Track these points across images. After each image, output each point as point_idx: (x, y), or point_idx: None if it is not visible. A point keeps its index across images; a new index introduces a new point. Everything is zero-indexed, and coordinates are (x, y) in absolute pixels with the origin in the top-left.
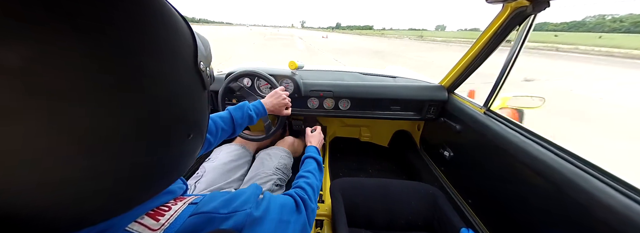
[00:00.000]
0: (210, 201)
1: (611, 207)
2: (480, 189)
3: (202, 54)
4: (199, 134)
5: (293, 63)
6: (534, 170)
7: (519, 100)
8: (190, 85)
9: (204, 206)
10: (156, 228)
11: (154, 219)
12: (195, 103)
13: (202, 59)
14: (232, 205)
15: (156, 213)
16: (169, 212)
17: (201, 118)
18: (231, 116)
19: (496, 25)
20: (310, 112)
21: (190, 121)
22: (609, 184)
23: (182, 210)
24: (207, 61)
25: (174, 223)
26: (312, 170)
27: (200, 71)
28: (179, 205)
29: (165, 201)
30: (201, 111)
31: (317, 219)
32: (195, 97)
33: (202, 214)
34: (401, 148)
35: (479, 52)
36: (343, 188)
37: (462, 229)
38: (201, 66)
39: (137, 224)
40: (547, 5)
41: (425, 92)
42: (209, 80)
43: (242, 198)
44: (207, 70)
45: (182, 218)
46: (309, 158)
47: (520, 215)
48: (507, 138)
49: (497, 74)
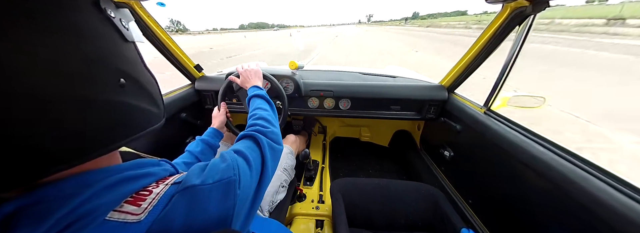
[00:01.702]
0: (194, 176)
1: (611, 207)
2: (480, 189)
3: (110, 5)
4: (136, 85)
5: (293, 63)
6: (534, 169)
7: (520, 100)
8: (95, 29)
9: (188, 182)
10: (139, 212)
11: (135, 205)
12: (112, 46)
13: (109, 6)
14: (217, 174)
15: (136, 199)
16: (150, 195)
17: (130, 67)
18: (192, 154)
19: (496, 25)
20: (310, 112)
21: (111, 66)
22: (609, 183)
23: (165, 191)
24: (123, 14)
25: (157, 205)
26: (258, 105)
27: (109, 18)
28: (160, 187)
29: (146, 184)
30: (127, 61)
31: (317, 219)
32: (110, 41)
33: (188, 189)
34: (401, 148)
35: (479, 52)
36: (343, 188)
37: (462, 229)
38: (109, 12)
39: (116, 212)
40: (547, 6)
41: (425, 92)
42: (129, 32)
43: (223, 166)
44: (122, 21)
45: (166, 198)
46: (253, 97)
47: (521, 215)
48: (507, 138)
49: (497, 74)
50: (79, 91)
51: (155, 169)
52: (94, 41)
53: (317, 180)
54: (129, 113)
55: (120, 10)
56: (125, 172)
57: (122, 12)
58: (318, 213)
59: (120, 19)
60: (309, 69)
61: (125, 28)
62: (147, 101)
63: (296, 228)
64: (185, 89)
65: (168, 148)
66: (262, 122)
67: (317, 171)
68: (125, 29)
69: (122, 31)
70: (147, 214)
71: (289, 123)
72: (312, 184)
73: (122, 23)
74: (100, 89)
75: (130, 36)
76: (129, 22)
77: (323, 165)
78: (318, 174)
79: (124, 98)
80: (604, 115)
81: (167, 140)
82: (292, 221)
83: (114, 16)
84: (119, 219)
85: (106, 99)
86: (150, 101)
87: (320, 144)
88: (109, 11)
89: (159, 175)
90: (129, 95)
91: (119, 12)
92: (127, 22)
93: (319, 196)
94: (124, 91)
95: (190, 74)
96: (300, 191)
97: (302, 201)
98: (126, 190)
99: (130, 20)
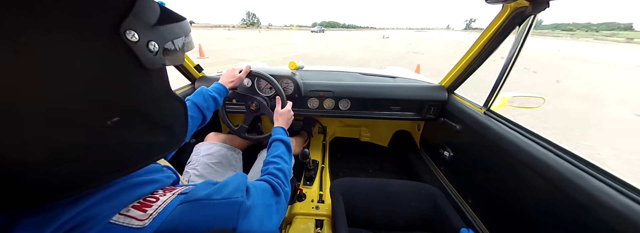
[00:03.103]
0: (202, 190)
1: (610, 207)
2: (480, 189)
3: (143, 22)
4: (138, 120)
5: (293, 63)
6: (534, 170)
7: (519, 100)
8: (98, 57)
9: (195, 194)
10: (144, 218)
11: (141, 210)
12: (115, 81)
13: (137, 27)
14: (224, 192)
15: (143, 205)
16: (156, 202)
17: (138, 102)
18: (194, 103)
19: (496, 25)
20: (310, 112)
21: (105, 104)
22: (608, 184)
23: (171, 200)
24: (159, 34)
25: (163, 212)
26: (281, 153)
27: (125, 42)
28: (167, 195)
29: (152, 190)
30: (137, 94)
31: (317, 219)
32: (114, 73)
33: (194, 201)
34: (401, 148)
35: (479, 52)
36: (343, 188)
37: (462, 229)
38: (129, 36)
39: (122, 216)
40: (547, 6)
41: (425, 92)
42: (155, 57)
43: (232, 186)
44: (151, 44)
45: (171, 207)
46: (277, 141)
47: (520, 215)
48: (507, 138)
49: (497, 74)
50: (52, 133)
51: (160, 176)
52: (89, 74)
53: (317, 180)
54: (124, 152)
55: (159, 29)
56: (133, 178)
57: (162, 30)
58: (318, 213)
59: (149, 42)
60: (308, 69)
61: (151, 52)
62: (154, 133)
63: (296, 228)
64: (185, 89)
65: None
66: (281, 176)
67: (317, 171)
68: (151, 54)
69: (142, 58)
70: (152, 220)
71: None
72: (312, 184)
73: (150, 46)
74: (83, 131)
75: (153, 63)
76: (174, 40)
77: (323, 165)
78: (318, 174)
79: (116, 138)
80: None
81: None
82: (292, 221)
83: (138, 40)
84: (124, 223)
85: (89, 144)
86: (161, 132)
87: (320, 145)
88: (132, 35)
89: (163, 182)
90: (125, 133)
91: (156, 32)
92: (163, 43)
93: (318, 196)
94: (114, 131)
95: (190, 74)
96: (300, 191)
97: (302, 201)
98: (133, 196)
99: (177, 38)
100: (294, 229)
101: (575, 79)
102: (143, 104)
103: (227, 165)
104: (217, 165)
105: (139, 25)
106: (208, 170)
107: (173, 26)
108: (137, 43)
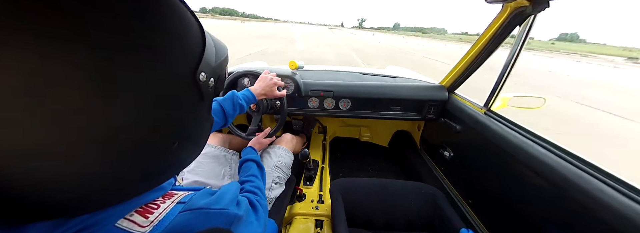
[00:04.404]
0: (200, 199)
1: (611, 207)
2: (480, 189)
3: (208, 64)
4: (189, 142)
5: (293, 63)
6: (534, 170)
7: (520, 100)
8: (178, 96)
9: (195, 203)
10: (145, 225)
11: (143, 216)
12: (184, 114)
13: (205, 69)
14: (222, 202)
15: (145, 211)
16: (157, 209)
17: (193, 128)
18: (221, 107)
19: (496, 25)
20: (310, 112)
21: (174, 132)
22: (609, 184)
23: (171, 208)
24: (216, 70)
25: (163, 221)
26: (254, 172)
27: (197, 82)
28: (167, 203)
29: (156, 197)
30: (194, 122)
31: (317, 219)
32: (185, 108)
33: (194, 210)
34: (401, 148)
35: (480, 52)
36: (343, 188)
37: (462, 229)
38: (200, 77)
39: (126, 221)
40: (547, 6)
41: (425, 92)
42: (210, 90)
43: (228, 196)
44: (210, 80)
45: (171, 216)
46: (247, 161)
47: (520, 215)
48: (507, 138)
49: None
50: (122, 159)
51: (164, 183)
52: (166, 111)
53: (316, 180)
54: (168, 166)
55: (214, 67)
56: None
57: (216, 69)
58: (318, 213)
59: (211, 79)
60: (309, 69)
61: (209, 88)
62: (192, 151)
63: (296, 228)
64: None
65: None
66: (259, 193)
67: (316, 171)
68: (209, 89)
69: (204, 92)
70: (152, 228)
71: (288, 123)
72: (312, 184)
73: (210, 83)
74: (148, 156)
75: (209, 95)
76: (210, 78)
77: (323, 165)
78: (318, 174)
79: (166, 158)
80: None
81: None
82: (292, 221)
83: (205, 79)
84: (126, 228)
85: (147, 165)
86: (196, 149)
87: (320, 144)
88: (202, 76)
89: (165, 188)
90: (174, 154)
91: (213, 70)
92: (216, 77)
93: (318, 196)
94: (171, 151)
95: None
96: (299, 191)
97: (302, 201)
98: (140, 201)
99: (223, 72)
100: (293, 229)
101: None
102: (194, 131)
103: (222, 164)
104: (211, 164)
105: (206, 67)
106: (203, 169)
107: (225, 60)
108: (203, 83)
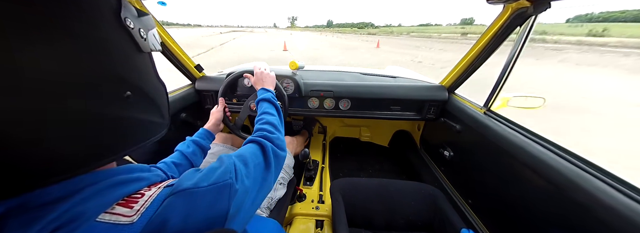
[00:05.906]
0: (188, 179)
1: (612, 207)
2: (480, 189)
3: (131, 12)
4: (142, 97)
5: (294, 63)
6: (534, 170)
7: (519, 100)
8: (108, 39)
9: (182, 185)
10: (131, 214)
11: (127, 207)
12: (124, 61)
13: (129, 15)
14: (212, 178)
15: (128, 202)
16: (142, 198)
17: (138, 78)
18: (179, 151)
19: (497, 26)
20: (310, 112)
21: (119, 77)
22: (609, 184)
23: (157, 193)
24: (143, 22)
25: (150, 207)
26: (266, 109)
27: (126, 28)
28: (153, 190)
29: (138, 188)
30: (138, 73)
31: (317, 219)
32: (123, 54)
33: (181, 192)
34: (401, 148)
35: (480, 52)
36: (343, 188)
37: (462, 229)
38: (128, 22)
39: (108, 214)
40: (548, 6)
41: (425, 92)
42: (145, 42)
43: (220, 170)
44: (141, 31)
45: (159, 201)
46: (262, 100)
47: (521, 215)
48: (507, 138)
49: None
50: (80, 104)
51: (146, 174)
52: (107, 53)
53: (317, 180)
54: (132, 126)
55: (141, 19)
56: (117, 176)
57: (143, 21)
58: (318, 213)
59: (139, 29)
60: (309, 69)
61: (142, 38)
62: (152, 112)
63: (296, 228)
64: (186, 89)
65: (167, 148)
66: (268, 127)
67: (317, 171)
68: (143, 40)
69: (138, 41)
70: (140, 216)
71: (289, 123)
72: (312, 184)
73: (141, 33)
74: (105, 103)
75: (146, 47)
76: (149, 31)
77: (323, 165)
78: (318, 174)
79: (128, 112)
80: None
81: (166, 140)
82: (292, 221)
83: (133, 27)
84: (110, 221)
85: (109, 114)
86: (156, 112)
87: (320, 144)
88: (129, 21)
89: (150, 179)
90: (133, 108)
91: (140, 21)
92: (146, 31)
93: (318, 196)
94: (129, 104)
95: (191, 74)
96: (300, 191)
97: (302, 202)
98: (117, 194)
99: (151, 29)
100: (294, 229)
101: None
102: (143, 84)
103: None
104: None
105: (130, 15)
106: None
107: (148, 18)
108: (133, 30)
